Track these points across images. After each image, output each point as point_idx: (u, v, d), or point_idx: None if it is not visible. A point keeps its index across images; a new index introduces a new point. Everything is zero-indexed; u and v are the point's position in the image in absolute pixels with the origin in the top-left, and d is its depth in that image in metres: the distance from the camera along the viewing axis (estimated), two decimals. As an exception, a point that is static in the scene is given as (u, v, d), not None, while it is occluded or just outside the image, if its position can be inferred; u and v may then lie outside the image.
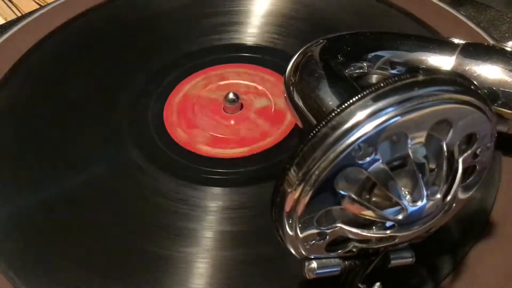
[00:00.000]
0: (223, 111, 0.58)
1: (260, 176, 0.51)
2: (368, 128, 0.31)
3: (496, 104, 0.47)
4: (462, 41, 0.50)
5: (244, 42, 0.66)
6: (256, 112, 0.57)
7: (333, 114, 0.32)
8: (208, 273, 0.44)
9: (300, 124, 0.49)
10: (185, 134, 0.56)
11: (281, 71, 0.52)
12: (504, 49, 0.49)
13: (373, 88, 0.32)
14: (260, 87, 0.59)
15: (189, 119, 0.57)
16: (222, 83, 0.61)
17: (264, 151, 0.53)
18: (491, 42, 0.60)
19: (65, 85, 0.61)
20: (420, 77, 0.33)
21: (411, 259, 0.39)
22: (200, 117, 0.57)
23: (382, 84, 0.32)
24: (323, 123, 0.32)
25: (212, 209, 0.48)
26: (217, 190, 0.50)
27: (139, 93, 0.60)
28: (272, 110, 0.57)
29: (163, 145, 0.54)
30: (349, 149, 0.31)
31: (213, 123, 0.57)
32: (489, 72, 0.47)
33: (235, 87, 0.60)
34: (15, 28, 0.67)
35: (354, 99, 0.32)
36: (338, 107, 0.32)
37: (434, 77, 0.33)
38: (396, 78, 0.32)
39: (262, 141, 0.54)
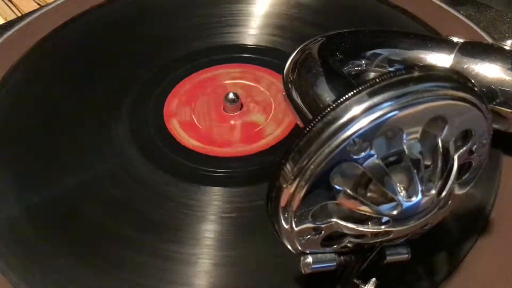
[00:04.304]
0: (223, 110, 0.58)
1: (260, 175, 0.51)
2: (363, 123, 0.31)
3: (494, 103, 0.47)
4: (461, 40, 0.50)
5: (247, 43, 0.66)
6: (243, 123, 0.57)
7: (329, 109, 0.32)
8: (208, 272, 0.44)
9: (300, 123, 0.49)
10: (176, 106, 0.58)
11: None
12: (502, 47, 0.49)
13: (368, 84, 0.32)
14: (273, 105, 0.59)
15: (191, 97, 0.59)
16: (248, 83, 0.61)
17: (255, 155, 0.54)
18: (490, 41, 0.60)
19: (65, 84, 0.61)
20: (416, 73, 0.33)
21: (407, 256, 0.39)
22: (200, 100, 0.59)
23: (377, 80, 0.32)
24: (319, 118, 0.32)
25: (211, 209, 0.48)
26: (215, 189, 0.50)
27: (139, 92, 0.60)
28: (256, 130, 0.56)
29: (162, 141, 0.55)
30: (344, 144, 0.32)
31: (203, 111, 0.58)
32: (487, 70, 0.47)
33: (254, 92, 0.60)
34: (15, 28, 0.67)
35: (349, 94, 0.32)
36: (333, 102, 0.32)
37: (430, 73, 0.33)
38: (392, 74, 0.32)
39: (250, 144, 0.54)
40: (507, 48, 0.48)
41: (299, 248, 0.37)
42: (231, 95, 0.56)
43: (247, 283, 0.43)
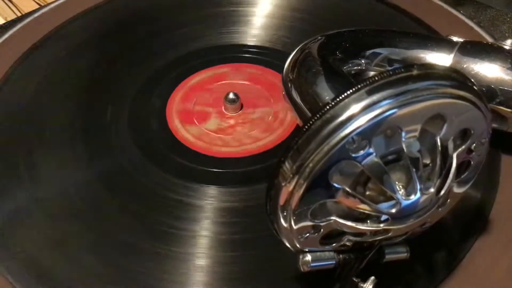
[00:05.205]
0: (223, 110, 0.58)
1: (259, 176, 0.51)
2: (362, 121, 0.31)
3: (494, 102, 0.47)
4: (460, 39, 0.50)
5: (247, 43, 0.66)
6: (243, 123, 0.57)
7: (328, 107, 0.32)
8: (207, 272, 0.44)
9: (299, 122, 0.49)
10: (177, 105, 0.58)
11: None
12: (502, 47, 0.49)
13: (368, 82, 0.32)
14: (273, 106, 0.59)
15: (192, 97, 0.59)
16: (248, 83, 0.61)
17: (254, 155, 0.54)
18: (490, 41, 0.60)
19: (65, 84, 0.61)
20: (415, 72, 0.33)
21: (405, 254, 0.39)
22: (201, 100, 0.59)
23: (376, 78, 0.32)
24: (318, 116, 0.32)
25: (210, 208, 0.48)
26: (215, 189, 0.50)
27: (139, 91, 0.60)
28: (256, 130, 0.56)
29: (162, 140, 0.55)
30: (343, 142, 0.32)
31: (203, 111, 0.58)
32: (487, 70, 0.47)
33: (254, 92, 0.60)
34: (15, 28, 0.67)
35: (348, 92, 0.32)
36: (332, 100, 0.32)
37: (429, 71, 0.33)
38: (391, 72, 0.33)
39: (250, 145, 0.54)
40: (506, 47, 0.48)
41: (298, 246, 0.37)
42: (231, 95, 0.56)
43: (246, 282, 0.43)
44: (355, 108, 0.32)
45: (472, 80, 0.35)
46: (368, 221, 0.36)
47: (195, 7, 0.71)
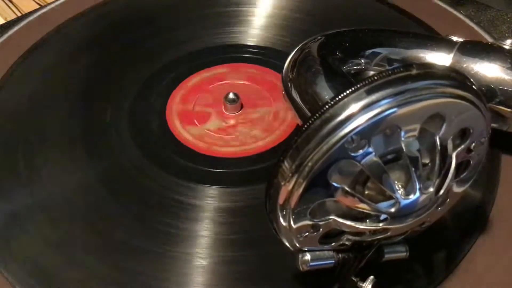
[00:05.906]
0: (223, 110, 0.58)
1: (259, 176, 0.51)
2: (361, 120, 0.31)
3: (493, 102, 0.47)
4: (460, 39, 0.50)
5: (247, 43, 0.66)
6: (243, 123, 0.57)
7: (327, 106, 0.32)
8: (207, 272, 0.44)
9: (299, 122, 0.49)
10: (177, 105, 0.58)
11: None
12: (502, 47, 0.49)
13: (367, 81, 0.32)
14: (273, 105, 0.59)
15: (192, 97, 0.59)
16: (248, 82, 0.61)
17: (254, 155, 0.54)
18: (490, 41, 0.60)
19: (65, 84, 0.61)
20: (414, 71, 0.33)
21: (405, 254, 0.39)
22: (201, 100, 0.59)
23: (376, 77, 0.32)
24: (317, 115, 0.32)
25: (211, 208, 0.48)
26: (216, 189, 0.50)
27: (139, 91, 0.60)
28: (256, 130, 0.56)
29: (162, 140, 0.55)
30: (342, 141, 0.32)
31: (203, 111, 0.58)
32: (486, 70, 0.47)
33: (254, 92, 0.60)
34: (15, 28, 0.67)
35: (348, 91, 0.32)
36: (332, 99, 0.32)
37: (428, 71, 0.33)
38: (390, 72, 0.33)
39: (250, 145, 0.54)
40: (506, 47, 0.48)
41: (297, 245, 0.37)
42: (231, 95, 0.56)
43: (246, 282, 0.43)
44: (354, 107, 0.32)
45: (472, 79, 0.35)
46: (367, 221, 0.36)
47: (195, 7, 0.71)
